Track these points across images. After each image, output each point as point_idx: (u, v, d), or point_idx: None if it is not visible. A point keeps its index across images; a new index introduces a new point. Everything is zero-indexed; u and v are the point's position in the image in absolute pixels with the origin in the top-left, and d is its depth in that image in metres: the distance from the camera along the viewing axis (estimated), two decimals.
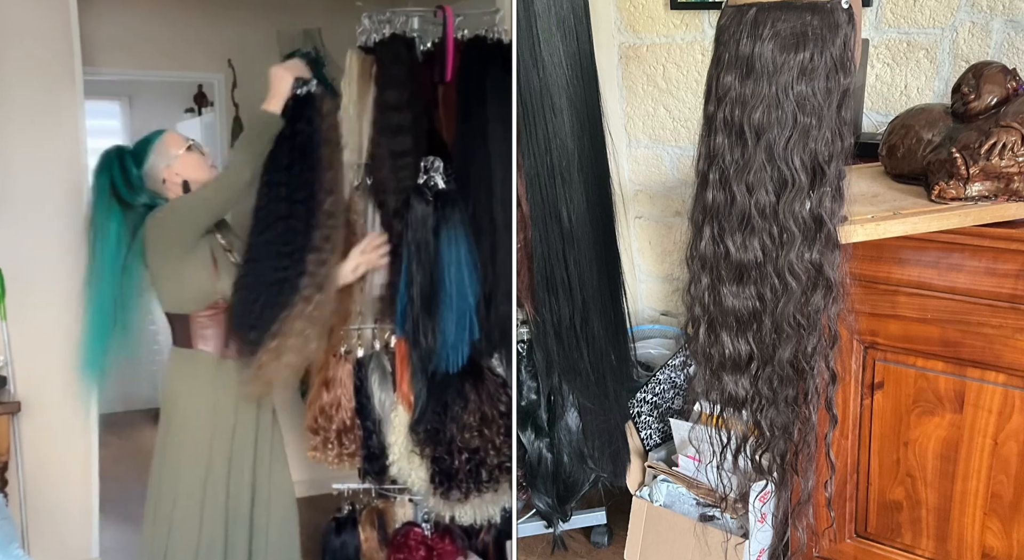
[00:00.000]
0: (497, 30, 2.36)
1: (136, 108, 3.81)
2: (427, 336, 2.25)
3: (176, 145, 2.17)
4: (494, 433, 2.33)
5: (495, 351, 2.39)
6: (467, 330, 2.27)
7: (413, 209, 2.25)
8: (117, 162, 2.14)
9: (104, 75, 3.14)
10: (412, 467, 2.35)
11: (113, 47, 3.17)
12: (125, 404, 4.18)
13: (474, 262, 2.29)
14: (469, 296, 2.27)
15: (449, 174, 2.33)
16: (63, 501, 2.76)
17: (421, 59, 2.36)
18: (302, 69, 2.20)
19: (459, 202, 2.30)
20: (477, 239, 2.31)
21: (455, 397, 2.30)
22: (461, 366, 2.28)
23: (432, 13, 2.36)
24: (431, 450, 2.32)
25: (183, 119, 3.81)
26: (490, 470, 2.33)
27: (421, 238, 2.25)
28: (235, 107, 3.50)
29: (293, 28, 3.39)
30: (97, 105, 3.54)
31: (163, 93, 3.79)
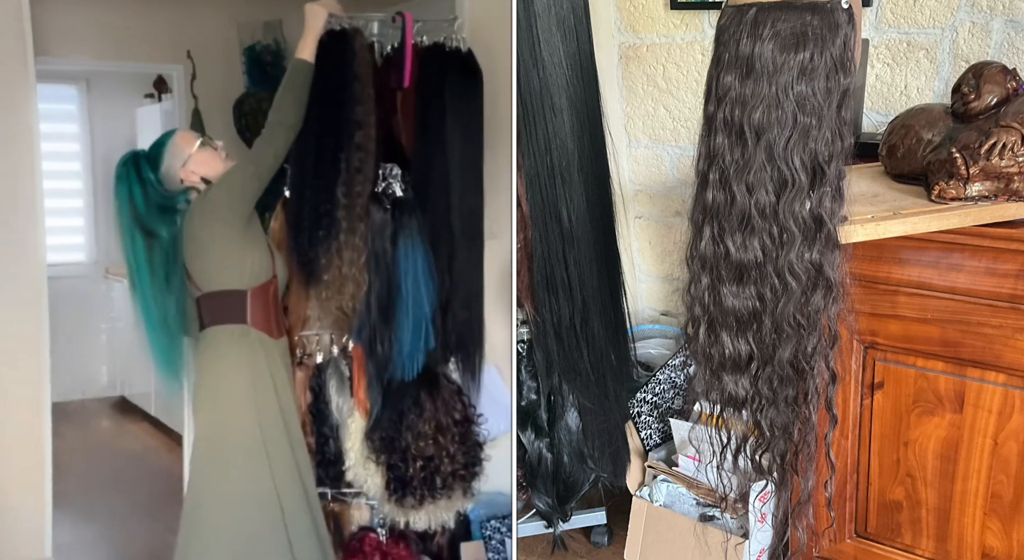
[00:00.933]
0: (456, 38, 2.36)
1: (94, 92, 3.69)
2: (383, 344, 2.26)
3: (188, 143, 2.19)
4: (448, 441, 2.36)
5: (451, 358, 2.42)
6: (423, 338, 2.29)
7: (370, 216, 2.25)
8: (133, 169, 2.14)
9: (58, 65, 3.04)
10: (368, 473, 2.37)
11: (68, 37, 3.05)
12: (82, 392, 4.03)
13: (431, 271, 2.31)
14: (425, 305, 2.29)
15: (407, 182, 2.33)
16: (13, 496, 2.62)
17: (380, 64, 2.35)
18: (335, 5, 2.21)
19: (416, 210, 2.31)
20: (434, 247, 2.33)
21: (410, 405, 2.32)
22: (416, 374, 2.30)
23: (391, 19, 2.34)
24: (386, 457, 2.33)
25: (143, 104, 3.70)
26: (444, 477, 2.36)
27: (378, 246, 2.25)
28: (195, 99, 3.40)
29: (253, 20, 3.32)
30: (53, 89, 3.43)
31: (122, 78, 3.68)
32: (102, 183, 3.69)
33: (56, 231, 3.08)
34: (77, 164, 3.58)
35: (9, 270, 2.51)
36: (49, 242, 2.60)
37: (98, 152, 3.67)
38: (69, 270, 3.58)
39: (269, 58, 3.38)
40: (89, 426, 3.82)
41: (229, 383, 2.17)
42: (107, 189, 3.66)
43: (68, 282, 3.51)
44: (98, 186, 3.69)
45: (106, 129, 3.67)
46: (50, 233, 2.62)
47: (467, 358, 2.43)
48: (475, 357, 2.44)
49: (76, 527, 2.88)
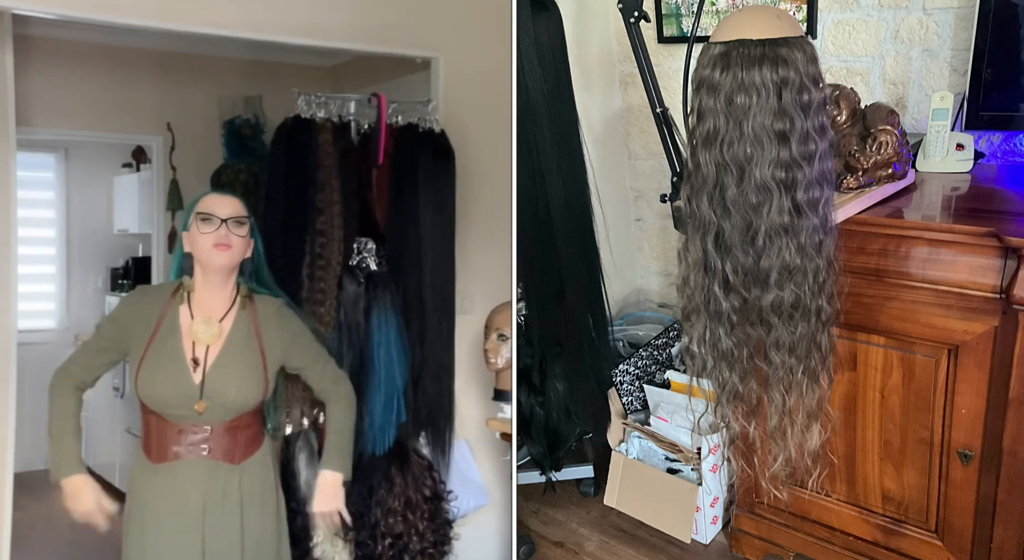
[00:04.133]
0: (430, 119, 2.45)
1: (72, 160, 3.72)
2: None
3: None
4: (417, 518, 2.34)
5: (421, 433, 2.43)
6: (394, 412, 2.30)
7: (344, 290, 2.27)
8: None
9: (39, 134, 3.05)
10: (336, 551, 2.32)
11: (49, 107, 3.07)
12: (44, 461, 3.96)
13: (403, 344, 2.33)
14: (397, 378, 2.30)
15: (381, 256, 2.36)
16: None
17: (356, 142, 2.41)
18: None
19: (391, 284, 2.34)
20: (407, 321, 2.36)
21: (380, 480, 2.30)
22: (387, 448, 2.30)
23: (367, 99, 2.41)
24: (355, 534, 2.29)
25: (120, 173, 3.73)
26: (412, 556, 2.33)
27: (352, 319, 2.27)
28: (173, 169, 3.44)
29: (234, 94, 3.39)
30: (31, 157, 3.45)
31: (100, 147, 3.71)
32: (76, 249, 3.71)
33: (27, 297, 3.07)
34: (52, 231, 3.59)
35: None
36: (20, 308, 2.58)
37: (73, 219, 3.68)
38: (38, 336, 3.55)
39: (248, 131, 3.43)
40: (50, 497, 3.73)
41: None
42: (81, 256, 3.70)
43: (36, 348, 3.48)
44: (72, 252, 3.70)
45: (82, 197, 3.69)
46: (21, 299, 2.58)
47: (437, 432, 2.44)
48: (445, 432, 2.45)
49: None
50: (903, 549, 2.15)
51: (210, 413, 1.82)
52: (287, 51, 3.20)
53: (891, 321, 1.97)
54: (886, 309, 1.96)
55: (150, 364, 1.84)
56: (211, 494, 1.86)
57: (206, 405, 1.81)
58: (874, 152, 2.03)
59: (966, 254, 1.83)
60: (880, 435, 2.10)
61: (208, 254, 1.85)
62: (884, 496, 2.15)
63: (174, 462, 1.85)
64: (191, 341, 1.86)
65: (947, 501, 2.04)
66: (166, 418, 1.84)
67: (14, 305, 2.54)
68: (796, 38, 1.65)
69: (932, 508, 2.08)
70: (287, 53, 3.26)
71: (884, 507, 2.16)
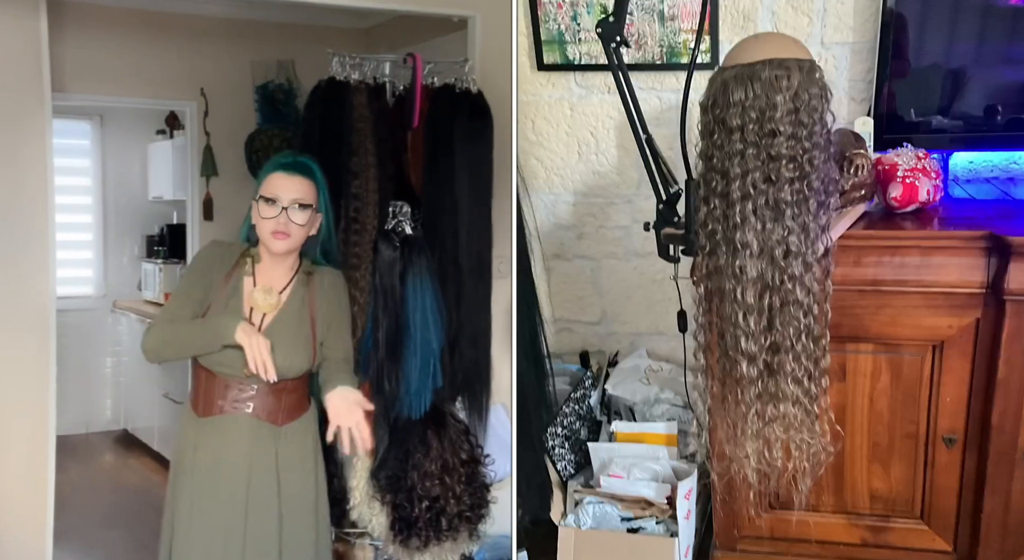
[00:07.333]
0: (466, 79, 2.39)
1: (107, 128, 3.74)
2: (391, 381, 2.23)
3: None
4: (455, 481, 2.33)
5: (457, 397, 2.41)
6: (431, 376, 2.28)
7: (380, 254, 2.24)
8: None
9: (74, 100, 3.07)
10: (372, 513, 2.33)
11: (83, 73, 3.09)
12: (86, 425, 4.01)
13: (439, 308, 2.30)
14: (433, 342, 2.28)
15: (416, 220, 2.33)
16: (15, 530, 2.56)
17: (391, 104, 2.37)
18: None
19: (426, 248, 2.31)
20: (443, 285, 2.33)
21: (417, 444, 2.29)
22: (424, 412, 2.28)
23: (403, 60, 2.37)
24: (392, 497, 2.30)
25: (155, 140, 3.75)
26: (450, 518, 2.32)
27: (387, 283, 2.24)
28: (207, 135, 3.44)
29: (267, 58, 3.38)
30: (67, 124, 3.47)
31: (135, 114, 3.73)
32: (112, 217, 3.73)
33: (65, 264, 3.09)
34: (88, 198, 3.62)
35: (18, 301, 2.50)
36: (58, 275, 2.60)
37: (109, 186, 3.71)
38: (77, 303, 3.59)
39: (281, 96, 3.42)
40: (92, 460, 3.81)
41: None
42: (116, 223, 3.73)
43: (75, 315, 3.52)
44: (108, 220, 3.72)
45: (118, 164, 3.72)
46: (60, 266, 2.61)
47: (474, 397, 2.42)
48: (482, 396, 2.43)
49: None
50: (891, 542, 2.21)
51: (257, 375, 1.87)
52: (321, 13, 3.18)
53: (881, 327, 2.08)
54: (877, 316, 2.07)
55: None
56: (256, 451, 1.92)
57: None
58: (852, 175, 2.12)
59: (957, 256, 2.01)
60: (869, 439, 2.16)
61: (267, 239, 1.90)
62: (872, 496, 2.20)
63: (219, 416, 1.91)
64: (250, 306, 1.93)
65: (932, 486, 2.14)
66: (216, 373, 1.90)
67: (53, 272, 2.56)
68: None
69: (918, 496, 2.17)
70: (321, 15, 3.23)
71: (872, 507, 2.21)
